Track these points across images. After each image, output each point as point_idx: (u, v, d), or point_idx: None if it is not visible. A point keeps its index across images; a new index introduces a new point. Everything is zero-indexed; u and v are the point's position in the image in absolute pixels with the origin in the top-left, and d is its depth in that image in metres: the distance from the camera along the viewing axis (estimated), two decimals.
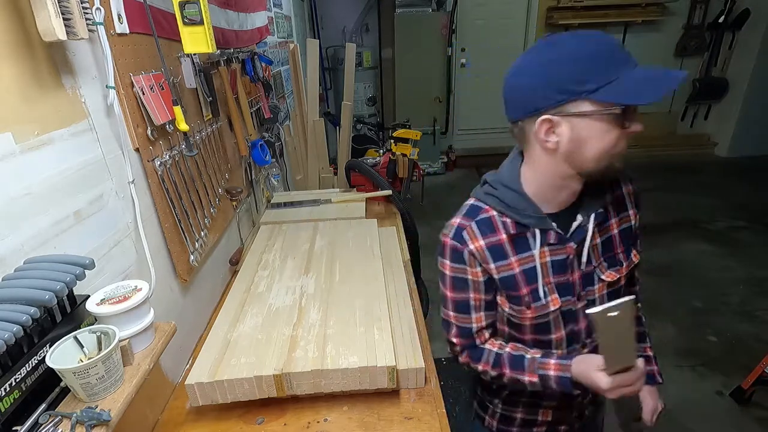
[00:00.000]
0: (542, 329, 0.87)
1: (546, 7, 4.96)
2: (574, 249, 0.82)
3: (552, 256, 0.83)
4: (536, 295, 0.84)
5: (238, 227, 1.70)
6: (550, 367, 0.81)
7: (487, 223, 0.84)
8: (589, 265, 0.86)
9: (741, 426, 1.91)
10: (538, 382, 0.83)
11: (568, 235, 0.82)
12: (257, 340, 1.07)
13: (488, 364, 0.88)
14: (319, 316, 1.16)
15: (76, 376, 0.62)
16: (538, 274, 0.83)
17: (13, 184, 0.67)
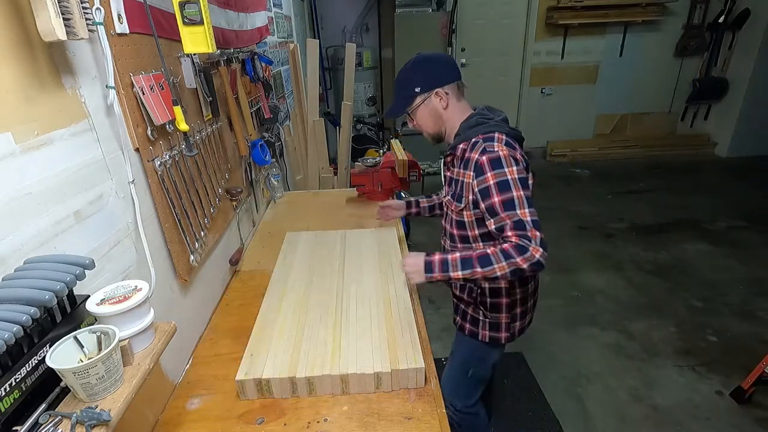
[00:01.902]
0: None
1: (546, 7, 4.96)
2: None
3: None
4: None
5: (238, 227, 1.70)
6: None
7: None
8: (444, 186, 1.35)
9: (741, 426, 1.91)
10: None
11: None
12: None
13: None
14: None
15: (76, 376, 0.62)
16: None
17: (13, 184, 0.67)
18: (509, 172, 1.07)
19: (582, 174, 5.05)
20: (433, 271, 1.11)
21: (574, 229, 3.74)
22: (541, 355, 2.35)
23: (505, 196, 1.06)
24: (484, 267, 1.04)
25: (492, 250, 1.05)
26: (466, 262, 1.07)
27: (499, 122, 1.19)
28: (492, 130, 1.14)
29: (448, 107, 1.22)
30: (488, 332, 1.32)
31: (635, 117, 5.58)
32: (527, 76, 5.34)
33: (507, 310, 1.29)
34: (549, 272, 3.10)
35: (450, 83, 1.21)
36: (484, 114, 1.20)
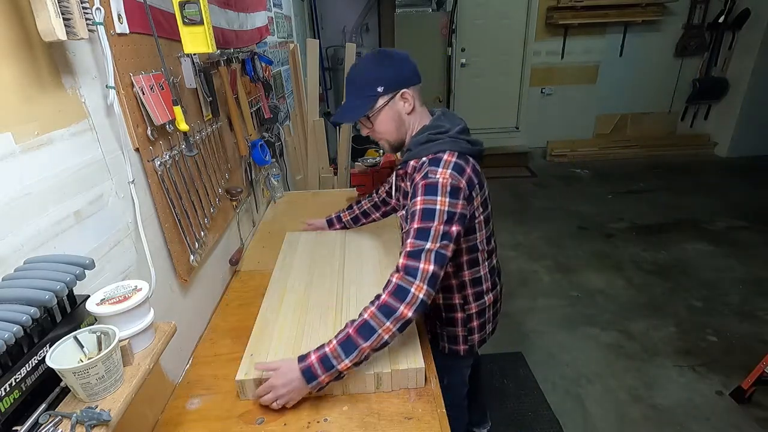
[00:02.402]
0: None
1: (546, 7, 4.96)
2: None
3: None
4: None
5: (238, 227, 1.70)
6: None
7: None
8: (398, 194, 1.25)
9: (741, 426, 1.91)
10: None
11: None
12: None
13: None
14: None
15: (76, 376, 0.62)
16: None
17: (13, 184, 0.67)
18: (440, 203, 0.98)
19: (582, 174, 5.05)
20: (316, 376, 0.93)
21: (574, 229, 3.74)
22: (541, 355, 2.35)
23: (424, 225, 0.98)
24: (369, 340, 0.92)
25: (370, 313, 0.94)
26: (346, 344, 0.93)
27: (454, 136, 1.07)
28: (443, 149, 1.05)
29: (413, 111, 1.12)
30: (447, 344, 1.29)
31: (635, 117, 5.58)
32: (527, 76, 5.34)
33: (462, 324, 1.25)
34: (549, 272, 3.11)
35: (416, 84, 1.11)
36: (438, 127, 1.10)
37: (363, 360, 0.96)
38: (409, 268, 0.95)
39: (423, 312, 0.95)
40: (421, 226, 0.98)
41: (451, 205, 0.99)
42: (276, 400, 0.96)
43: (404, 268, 0.96)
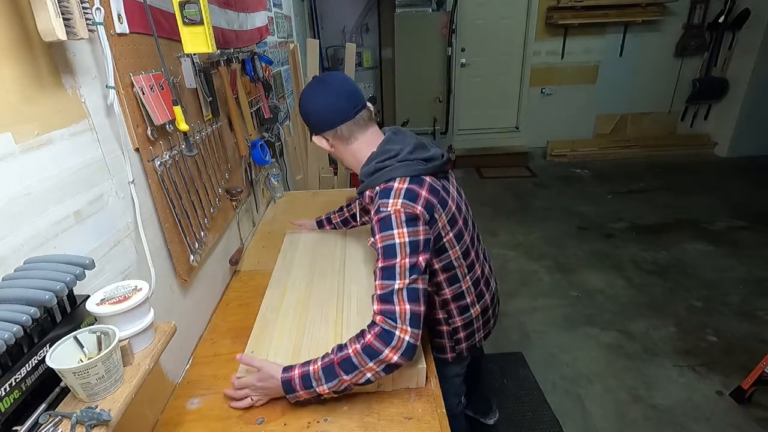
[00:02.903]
0: None
1: (546, 7, 4.96)
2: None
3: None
4: None
5: (238, 227, 1.70)
6: None
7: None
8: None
9: (741, 426, 1.91)
10: None
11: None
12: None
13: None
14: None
15: (76, 376, 0.62)
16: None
17: (13, 184, 0.67)
18: (398, 235, 0.94)
19: (582, 174, 5.05)
20: (295, 390, 0.94)
21: (574, 229, 3.74)
22: (541, 355, 2.35)
23: (387, 263, 0.94)
24: (350, 375, 0.91)
25: (354, 350, 0.91)
26: (328, 370, 0.92)
27: (404, 158, 1.03)
28: (392, 177, 1.01)
29: (335, 149, 1.14)
30: (434, 353, 1.26)
31: (635, 117, 5.58)
32: (527, 76, 5.34)
33: (448, 336, 1.24)
34: (549, 272, 3.11)
35: (328, 130, 1.10)
36: (387, 151, 1.05)
37: (343, 390, 0.95)
38: (386, 312, 0.92)
39: (411, 357, 0.92)
40: (385, 265, 0.94)
41: (411, 233, 0.95)
42: (247, 396, 0.99)
43: (381, 312, 0.92)
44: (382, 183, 1.03)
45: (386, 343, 0.90)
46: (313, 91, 1.11)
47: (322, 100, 1.09)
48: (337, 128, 1.09)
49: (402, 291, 0.92)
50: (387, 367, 0.92)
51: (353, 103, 1.09)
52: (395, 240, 0.95)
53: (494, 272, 1.35)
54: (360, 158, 1.11)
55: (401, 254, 0.94)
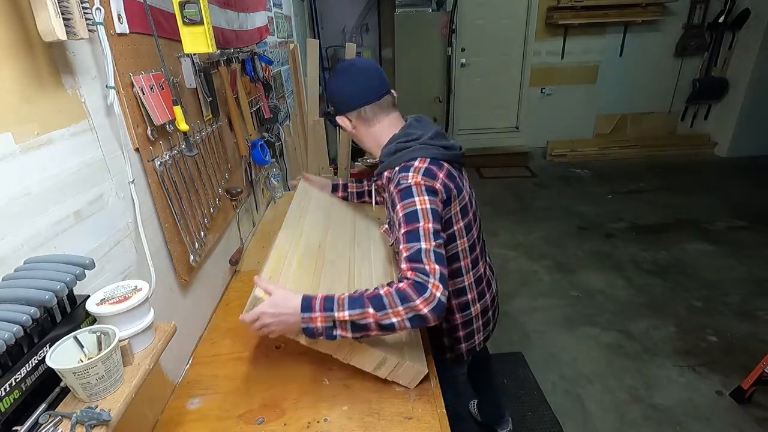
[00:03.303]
0: None
1: (546, 7, 4.96)
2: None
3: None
4: None
5: (238, 227, 1.70)
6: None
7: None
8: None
9: (741, 426, 1.91)
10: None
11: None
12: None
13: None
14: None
15: (76, 376, 0.62)
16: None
17: (13, 184, 0.67)
18: (419, 202, 0.98)
19: (582, 174, 5.05)
20: (312, 309, 0.89)
21: (574, 229, 3.74)
22: (541, 355, 2.35)
23: (410, 227, 0.96)
24: (378, 310, 0.87)
25: (386, 291, 0.89)
26: (355, 300, 0.89)
27: (426, 142, 1.07)
28: (413, 156, 1.05)
29: (357, 131, 1.17)
30: (432, 352, 1.26)
31: (635, 117, 5.58)
32: (527, 76, 5.34)
33: (447, 334, 1.24)
34: (549, 272, 3.11)
35: (353, 110, 1.13)
36: (409, 134, 1.10)
37: (361, 330, 0.89)
38: (417, 269, 0.91)
39: (439, 316, 0.89)
40: (409, 229, 0.96)
41: (431, 202, 0.98)
42: (261, 326, 0.92)
43: (411, 269, 0.91)
44: (402, 162, 1.05)
45: (419, 293, 0.88)
46: (342, 71, 1.16)
47: (350, 81, 1.14)
48: (362, 109, 1.12)
49: (429, 252, 0.93)
50: (415, 317, 0.88)
51: (379, 87, 1.13)
52: (417, 206, 0.97)
53: (495, 275, 1.34)
54: (380, 141, 1.15)
55: (424, 219, 0.96)
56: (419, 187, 0.99)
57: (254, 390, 1.07)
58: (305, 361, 1.15)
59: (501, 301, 1.42)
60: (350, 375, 1.09)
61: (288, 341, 1.19)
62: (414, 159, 1.04)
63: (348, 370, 1.11)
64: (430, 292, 0.88)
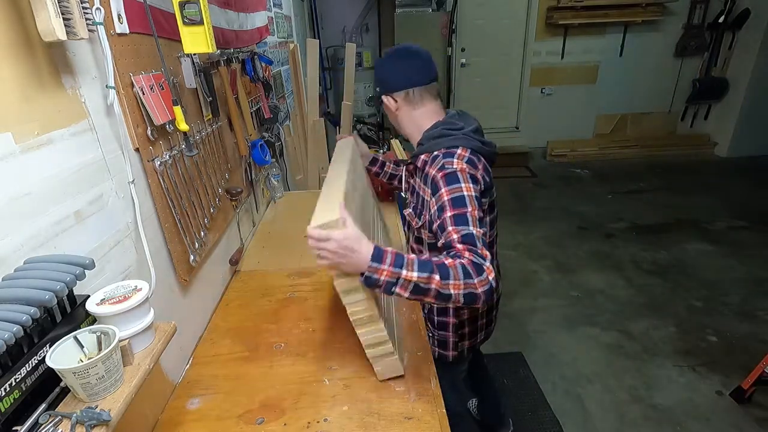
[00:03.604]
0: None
1: (546, 7, 4.96)
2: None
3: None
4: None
5: (238, 227, 1.70)
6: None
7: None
8: (406, 193, 1.27)
9: (741, 426, 1.91)
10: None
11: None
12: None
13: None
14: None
15: (76, 376, 0.62)
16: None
17: (13, 184, 0.67)
18: (465, 189, 1.00)
19: (582, 174, 5.05)
20: (382, 261, 0.86)
21: (574, 229, 3.74)
22: (541, 355, 2.35)
23: (458, 211, 0.97)
24: (443, 279, 0.87)
25: (450, 262, 0.89)
26: (424, 264, 0.88)
27: (468, 134, 1.10)
28: (456, 144, 1.07)
29: (399, 112, 1.19)
30: (437, 348, 1.28)
31: (635, 117, 5.58)
32: (527, 76, 5.34)
33: (454, 330, 1.25)
34: (549, 272, 3.11)
35: (400, 90, 1.15)
36: (452, 124, 1.13)
37: (420, 294, 0.88)
38: (472, 250, 0.91)
39: (488, 300, 0.89)
40: (457, 213, 0.96)
41: (475, 190, 1.00)
42: (322, 248, 0.86)
43: (467, 249, 0.91)
44: (444, 148, 1.08)
45: (477, 273, 0.88)
46: (397, 52, 1.19)
47: (403, 61, 1.16)
48: (410, 90, 1.14)
49: (480, 238, 0.94)
50: (469, 294, 0.87)
51: (430, 73, 1.16)
52: (464, 192, 0.99)
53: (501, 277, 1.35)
54: (420, 125, 1.17)
55: (471, 205, 0.97)
56: (464, 173, 1.01)
57: (254, 390, 1.07)
58: (305, 361, 1.16)
59: (501, 301, 1.43)
60: (350, 375, 1.09)
61: (288, 341, 1.20)
62: (456, 147, 1.07)
63: (348, 370, 1.11)
64: (486, 275, 0.88)
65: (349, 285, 0.90)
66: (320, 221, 0.87)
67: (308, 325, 1.31)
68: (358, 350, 1.18)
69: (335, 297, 1.43)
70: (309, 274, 1.59)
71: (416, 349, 1.17)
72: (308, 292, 1.47)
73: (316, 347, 1.21)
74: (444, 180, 1.01)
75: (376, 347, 1.00)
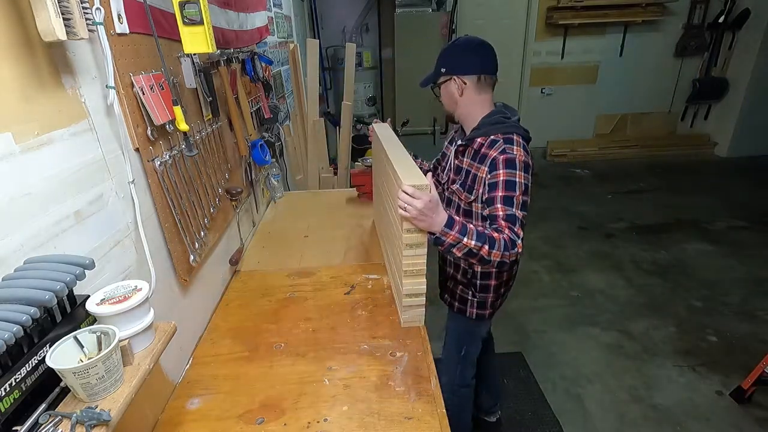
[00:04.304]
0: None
1: (546, 7, 4.96)
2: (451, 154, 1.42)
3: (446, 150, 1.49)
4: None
5: (238, 227, 1.70)
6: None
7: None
8: (449, 172, 1.42)
9: (741, 426, 1.91)
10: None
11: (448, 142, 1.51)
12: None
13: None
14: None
15: (76, 376, 0.62)
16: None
17: (13, 184, 0.67)
18: (518, 176, 1.17)
19: (582, 174, 5.05)
20: (452, 228, 1.10)
21: (574, 229, 3.74)
22: (541, 355, 2.35)
23: (508, 193, 1.17)
24: (491, 248, 1.10)
25: (497, 236, 1.12)
26: (480, 236, 1.11)
27: (515, 123, 1.28)
28: (511, 131, 1.23)
29: (464, 95, 1.30)
30: (475, 310, 1.46)
31: (635, 117, 5.58)
32: (527, 76, 5.34)
33: (494, 291, 1.43)
34: (549, 272, 3.11)
35: (471, 74, 1.27)
36: (504, 113, 1.29)
37: (470, 256, 1.13)
38: (512, 230, 1.14)
39: (511, 269, 1.35)
40: (507, 195, 1.17)
41: (526, 179, 1.19)
42: (410, 207, 1.05)
43: (509, 228, 1.15)
44: (500, 133, 1.23)
45: (512, 247, 1.12)
46: (474, 40, 1.30)
47: (482, 50, 1.28)
48: (483, 76, 1.27)
49: (520, 219, 1.17)
50: (501, 262, 1.14)
51: (497, 66, 1.30)
52: (516, 179, 1.18)
53: None
54: (478, 111, 1.31)
55: (519, 191, 1.17)
56: (521, 161, 1.19)
57: (254, 390, 1.07)
58: (305, 361, 1.16)
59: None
60: (350, 375, 1.09)
61: (288, 341, 1.20)
62: (511, 134, 1.22)
63: (348, 370, 1.11)
64: (516, 250, 1.13)
65: (416, 240, 1.10)
66: (414, 182, 1.05)
67: (308, 325, 1.31)
68: (358, 350, 1.18)
69: (335, 297, 1.43)
70: (309, 274, 1.59)
71: (416, 350, 1.17)
72: (308, 292, 1.47)
73: (316, 347, 1.21)
74: (504, 163, 1.18)
75: (414, 297, 1.18)
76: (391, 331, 1.25)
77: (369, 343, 1.21)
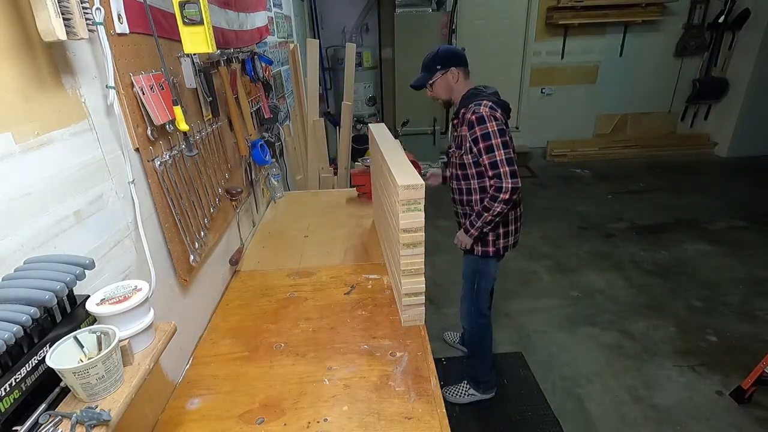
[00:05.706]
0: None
1: (546, 7, 4.96)
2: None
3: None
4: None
5: (238, 227, 1.70)
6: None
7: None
8: (451, 142, 1.77)
9: (741, 426, 1.90)
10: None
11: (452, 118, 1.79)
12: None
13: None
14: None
15: (76, 376, 0.62)
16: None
17: (13, 184, 0.67)
18: (489, 126, 1.51)
19: (582, 174, 5.05)
20: (468, 233, 1.68)
21: (574, 229, 3.74)
22: (541, 355, 2.35)
23: (486, 143, 1.52)
24: (489, 211, 1.57)
25: (486, 199, 1.58)
26: (478, 215, 1.61)
27: (489, 95, 1.62)
28: (481, 100, 1.57)
29: (458, 82, 1.67)
30: (480, 247, 1.75)
31: (635, 117, 5.58)
32: (527, 76, 5.34)
33: (503, 227, 1.71)
34: (549, 272, 3.11)
35: (460, 66, 1.67)
36: (479, 89, 1.67)
37: (487, 225, 1.64)
38: (496, 174, 1.53)
39: (516, 194, 1.54)
40: (486, 145, 1.52)
41: (498, 125, 1.51)
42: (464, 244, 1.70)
43: (492, 176, 1.54)
44: (473, 102, 1.57)
45: (499, 191, 1.53)
46: (454, 47, 1.77)
47: (459, 52, 1.71)
48: (467, 68, 1.70)
49: (503, 160, 1.52)
50: (508, 200, 1.54)
51: (467, 63, 1.73)
52: (488, 129, 1.51)
53: None
54: (464, 91, 1.68)
55: (494, 137, 1.51)
56: (488, 115, 1.52)
57: (254, 390, 1.07)
58: (305, 361, 1.16)
59: (501, 301, 1.46)
60: (350, 375, 1.09)
61: (288, 341, 1.20)
62: (481, 101, 1.56)
63: (348, 370, 1.11)
64: (505, 187, 1.52)
65: (413, 240, 1.14)
66: (408, 182, 1.11)
67: (308, 325, 1.31)
68: (358, 350, 1.18)
69: (335, 297, 1.43)
70: (309, 274, 1.59)
71: (416, 350, 1.17)
72: (308, 292, 1.47)
73: (316, 347, 1.21)
74: (476, 120, 1.52)
75: (413, 297, 1.22)
76: (391, 331, 1.26)
77: (369, 343, 1.21)
